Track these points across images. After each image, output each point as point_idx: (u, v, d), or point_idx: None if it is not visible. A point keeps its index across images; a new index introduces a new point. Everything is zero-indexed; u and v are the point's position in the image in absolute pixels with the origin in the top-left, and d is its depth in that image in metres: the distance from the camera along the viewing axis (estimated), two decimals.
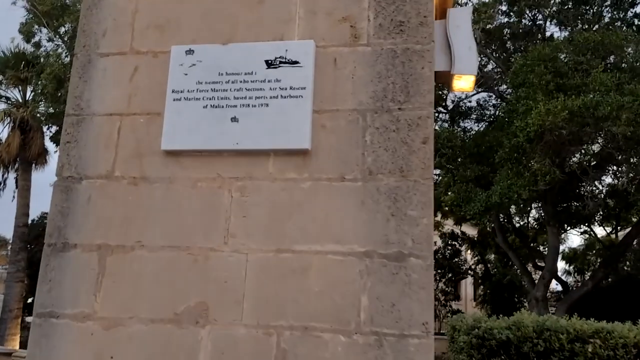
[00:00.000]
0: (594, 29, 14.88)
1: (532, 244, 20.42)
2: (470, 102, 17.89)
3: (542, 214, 18.02)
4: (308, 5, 2.75)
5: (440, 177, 15.01)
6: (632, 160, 11.88)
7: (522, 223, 20.62)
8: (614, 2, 16.00)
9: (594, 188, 15.56)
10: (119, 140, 2.77)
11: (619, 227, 20.09)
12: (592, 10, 16.07)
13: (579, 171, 12.07)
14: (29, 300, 20.45)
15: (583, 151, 12.38)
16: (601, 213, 17.51)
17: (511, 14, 16.29)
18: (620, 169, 13.90)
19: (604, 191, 15.90)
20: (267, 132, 2.61)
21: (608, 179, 15.51)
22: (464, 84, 3.14)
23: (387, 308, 2.36)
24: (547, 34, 16.62)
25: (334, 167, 2.55)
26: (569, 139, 11.42)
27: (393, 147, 2.53)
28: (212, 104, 2.69)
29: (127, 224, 2.66)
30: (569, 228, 18.77)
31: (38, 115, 20.44)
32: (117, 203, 2.69)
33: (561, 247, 18.87)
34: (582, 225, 19.56)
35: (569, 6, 15.88)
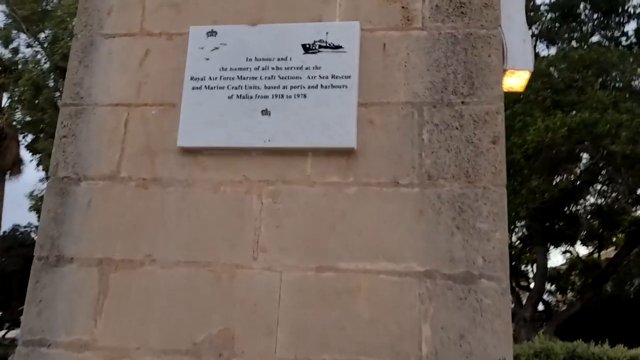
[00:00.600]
0: (585, 47, 14.83)
1: (512, 263, 20.18)
2: None
3: (526, 232, 17.81)
4: None
5: None
6: (629, 179, 11.71)
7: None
8: (602, 22, 16.03)
9: (586, 206, 15.44)
10: (126, 135, 2.34)
11: (602, 247, 20.01)
12: (581, 29, 16.07)
13: (572, 188, 11.89)
14: None
15: (578, 169, 12.22)
16: (585, 232, 17.41)
17: None
18: (609, 187, 13.79)
19: (589, 210, 15.79)
20: (304, 127, 2.21)
21: (592, 199, 15.41)
22: (516, 81, 2.77)
23: (454, 340, 1.95)
24: (536, 51, 16.56)
25: (385, 169, 2.16)
26: (566, 157, 11.23)
27: (456, 147, 2.14)
28: (238, 93, 2.28)
29: (135, 234, 2.22)
30: (552, 247, 18.62)
31: (14, 123, 19.72)
32: (123, 209, 2.25)
33: None
34: (565, 244, 19.42)
35: (558, 24, 15.86)
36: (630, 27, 15.68)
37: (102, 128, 2.36)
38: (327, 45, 2.28)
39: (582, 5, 15.74)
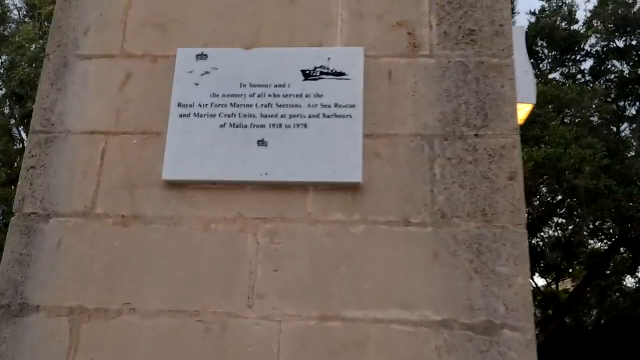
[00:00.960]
0: (544, 83, 15.20)
1: None
2: None
3: None
4: (352, 5, 2.21)
5: None
6: (589, 213, 11.90)
7: None
8: (559, 59, 16.52)
9: (545, 239, 15.63)
10: (103, 167, 2.09)
11: (559, 279, 20.29)
12: (539, 66, 16.51)
13: (531, 221, 12.00)
14: None
15: (538, 202, 12.36)
16: (543, 264, 17.63)
17: None
18: (568, 220, 14.01)
19: (549, 242, 16.00)
20: (305, 160, 2.01)
21: (551, 232, 15.64)
22: (518, 114, 2.66)
23: None
24: None
25: (394, 207, 1.97)
26: (529, 190, 11.34)
27: (471, 183, 1.98)
28: (232, 122, 2.07)
29: (111, 279, 1.96)
30: None
31: None
32: (99, 250, 1.99)
33: None
34: None
35: None
36: (587, 64, 16.20)
37: (75, 158, 2.10)
38: (329, 71, 2.11)
39: (540, 43, 16.21)
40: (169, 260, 1.97)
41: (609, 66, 15.40)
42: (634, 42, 14.41)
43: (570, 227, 15.04)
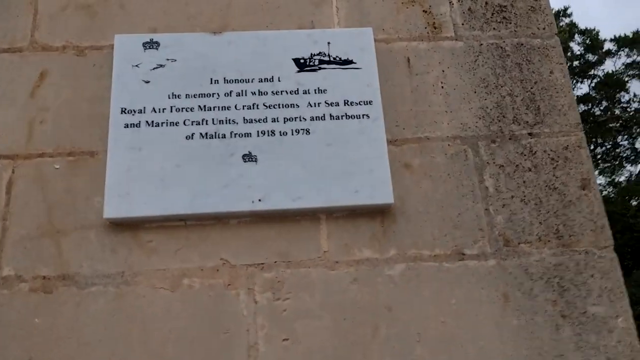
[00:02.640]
0: None
1: None
2: None
3: None
4: None
5: None
6: None
7: None
8: None
9: None
10: (10, 207, 1.40)
11: None
12: None
13: None
14: None
15: None
16: None
17: None
18: None
19: None
20: (311, 178, 1.44)
21: None
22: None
23: None
24: None
25: (441, 235, 1.43)
26: None
27: (535, 196, 1.48)
28: (203, 131, 1.46)
29: None
30: None
31: None
32: (10, 334, 1.29)
33: None
34: None
35: None
36: None
37: None
38: (332, 59, 1.57)
39: None
40: (120, 343, 1.30)
41: None
42: None
43: None
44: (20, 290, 1.32)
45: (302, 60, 1.56)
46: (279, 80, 1.53)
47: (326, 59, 1.57)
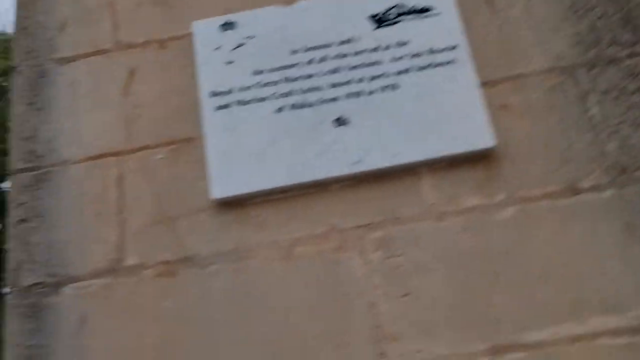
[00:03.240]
0: None
1: None
2: None
3: None
4: None
5: None
6: None
7: None
8: None
9: None
10: (123, 200, 1.47)
11: None
12: None
13: None
14: None
15: None
16: None
17: None
18: None
19: None
20: (407, 132, 1.42)
21: None
22: None
23: None
24: None
25: (551, 172, 1.38)
26: None
27: None
28: (291, 102, 1.47)
29: (164, 358, 1.33)
30: None
31: None
32: (142, 318, 1.36)
33: None
34: None
35: None
36: None
37: (82, 196, 1.48)
38: (408, 9, 1.53)
39: None
40: (243, 318, 1.34)
41: None
42: None
43: None
44: (146, 276, 1.39)
45: (378, 16, 1.53)
46: (359, 40, 1.51)
47: (403, 10, 1.53)
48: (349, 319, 1.31)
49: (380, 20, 1.52)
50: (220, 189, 1.42)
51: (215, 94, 1.50)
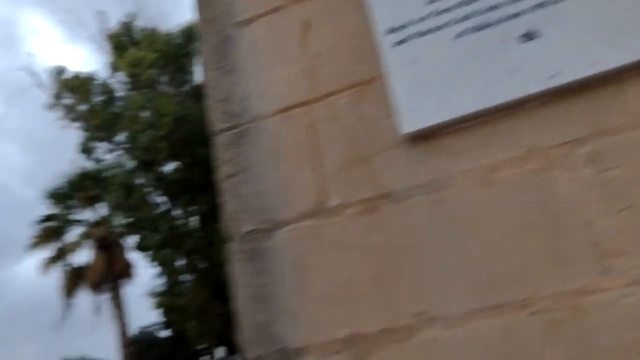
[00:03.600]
0: None
1: None
2: None
3: None
4: None
5: None
6: None
7: None
8: None
9: None
10: (316, 146, 1.54)
11: None
12: None
13: None
14: None
15: None
16: None
17: None
18: None
19: None
20: (603, 37, 1.32)
21: None
22: None
23: None
24: None
25: None
26: None
27: None
28: (471, 25, 1.43)
29: (383, 290, 1.38)
30: None
31: (114, 230, 20.13)
32: (350, 254, 1.43)
33: None
34: None
35: None
36: None
37: (279, 147, 1.57)
38: None
39: None
40: (452, 241, 1.36)
41: None
42: None
43: None
44: (349, 215, 1.46)
45: None
46: None
47: None
48: (566, 238, 1.27)
49: None
50: (410, 123, 1.44)
51: (391, 31, 1.50)
